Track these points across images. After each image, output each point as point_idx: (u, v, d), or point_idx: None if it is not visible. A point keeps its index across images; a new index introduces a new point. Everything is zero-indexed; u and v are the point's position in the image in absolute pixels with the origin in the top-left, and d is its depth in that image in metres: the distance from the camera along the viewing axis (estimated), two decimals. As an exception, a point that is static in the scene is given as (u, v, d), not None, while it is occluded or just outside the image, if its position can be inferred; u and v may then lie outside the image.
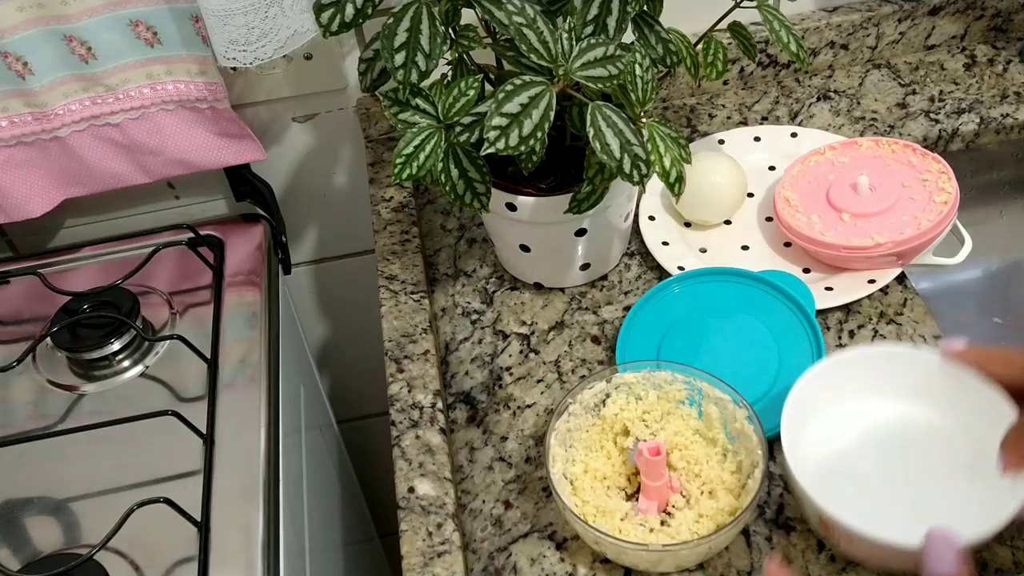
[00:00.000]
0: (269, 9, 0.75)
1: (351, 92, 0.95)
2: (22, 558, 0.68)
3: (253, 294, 0.86)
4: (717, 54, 0.79)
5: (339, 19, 0.67)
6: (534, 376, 0.76)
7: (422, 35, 0.65)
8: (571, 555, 0.65)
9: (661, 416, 0.66)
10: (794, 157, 0.85)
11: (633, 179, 0.62)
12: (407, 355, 0.76)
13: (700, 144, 0.92)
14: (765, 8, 0.75)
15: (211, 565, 0.66)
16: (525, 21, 0.60)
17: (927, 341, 0.74)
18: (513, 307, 0.82)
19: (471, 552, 0.66)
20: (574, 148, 0.72)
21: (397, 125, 0.66)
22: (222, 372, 0.79)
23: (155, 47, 0.82)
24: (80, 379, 0.80)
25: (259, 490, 0.70)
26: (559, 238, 0.76)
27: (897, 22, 0.99)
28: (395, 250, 0.86)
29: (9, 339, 0.85)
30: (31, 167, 0.87)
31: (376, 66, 0.72)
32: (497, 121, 0.59)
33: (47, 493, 0.73)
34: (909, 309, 0.77)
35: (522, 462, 0.70)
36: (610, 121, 0.61)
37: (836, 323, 0.76)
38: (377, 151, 0.97)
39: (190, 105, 0.86)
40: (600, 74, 0.61)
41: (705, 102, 1.00)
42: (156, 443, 0.74)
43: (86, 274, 0.90)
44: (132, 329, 0.80)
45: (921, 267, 0.78)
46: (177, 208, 1.00)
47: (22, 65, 0.80)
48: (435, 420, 0.71)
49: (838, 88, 0.99)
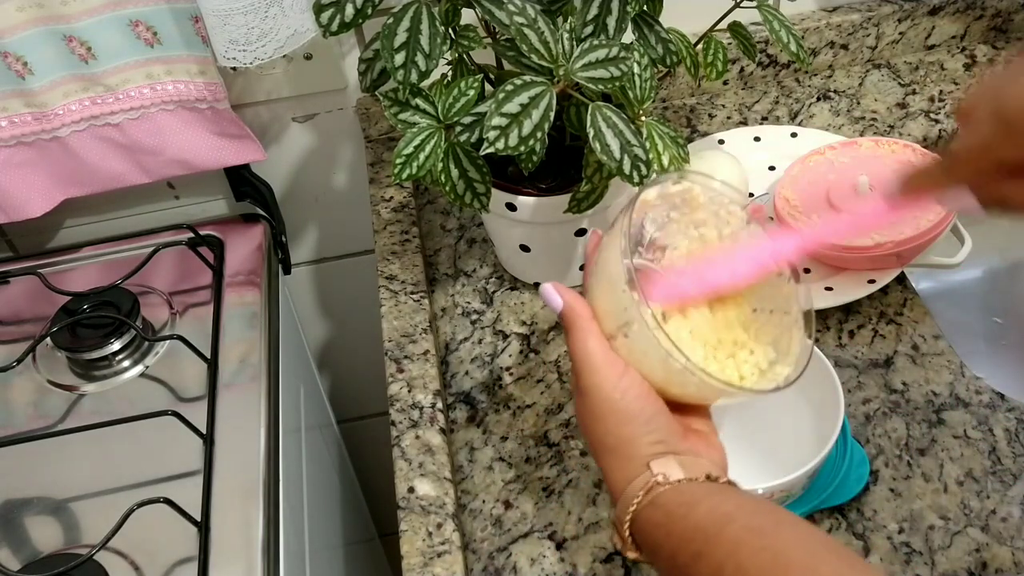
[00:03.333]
0: (269, 9, 0.75)
1: (351, 92, 0.95)
2: (22, 558, 0.68)
3: (253, 294, 0.86)
4: (717, 54, 0.79)
5: (339, 19, 0.67)
6: (534, 376, 0.76)
7: (422, 35, 0.65)
8: (571, 555, 0.65)
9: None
10: (794, 157, 0.85)
11: (633, 179, 0.62)
12: (407, 355, 0.76)
13: (700, 144, 0.92)
14: (765, 8, 0.75)
15: (211, 565, 0.66)
16: (526, 21, 0.60)
17: (927, 341, 0.74)
18: (513, 307, 0.82)
19: (471, 552, 0.66)
20: (574, 148, 0.72)
21: (397, 125, 0.66)
22: (222, 372, 0.79)
23: (155, 47, 0.82)
24: (80, 379, 0.80)
25: (259, 490, 0.70)
26: (559, 238, 0.76)
27: (897, 22, 0.99)
28: (395, 250, 0.85)
29: (9, 339, 0.85)
30: (31, 167, 0.87)
31: (376, 66, 0.72)
32: (497, 121, 0.59)
33: (47, 493, 0.72)
34: (909, 309, 0.77)
35: (522, 462, 0.70)
36: (610, 122, 0.61)
37: (836, 323, 0.76)
38: (377, 151, 0.97)
39: (190, 105, 0.86)
40: (602, 75, 0.61)
41: (705, 102, 1.00)
42: (156, 443, 0.74)
43: (86, 274, 0.90)
44: (132, 329, 0.80)
45: (921, 267, 0.78)
46: (177, 208, 1.00)
47: (22, 65, 0.80)
48: (435, 420, 0.71)
49: (838, 88, 0.99)
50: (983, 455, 0.67)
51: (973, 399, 0.70)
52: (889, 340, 0.75)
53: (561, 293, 0.54)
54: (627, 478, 0.51)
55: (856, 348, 0.75)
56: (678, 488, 0.49)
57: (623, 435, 0.51)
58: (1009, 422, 0.69)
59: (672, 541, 0.48)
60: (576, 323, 0.53)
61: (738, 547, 0.45)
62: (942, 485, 0.66)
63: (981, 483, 0.65)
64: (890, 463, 0.67)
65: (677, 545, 0.47)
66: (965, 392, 0.71)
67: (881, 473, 0.67)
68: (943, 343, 0.74)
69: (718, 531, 0.46)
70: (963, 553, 0.62)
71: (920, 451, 0.68)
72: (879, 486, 0.66)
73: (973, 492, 0.65)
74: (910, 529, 0.63)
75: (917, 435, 0.69)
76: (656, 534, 0.49)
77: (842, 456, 0.65)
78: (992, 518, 0.64)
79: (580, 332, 0.53)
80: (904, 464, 0.67)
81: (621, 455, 0.51)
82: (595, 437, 0.53)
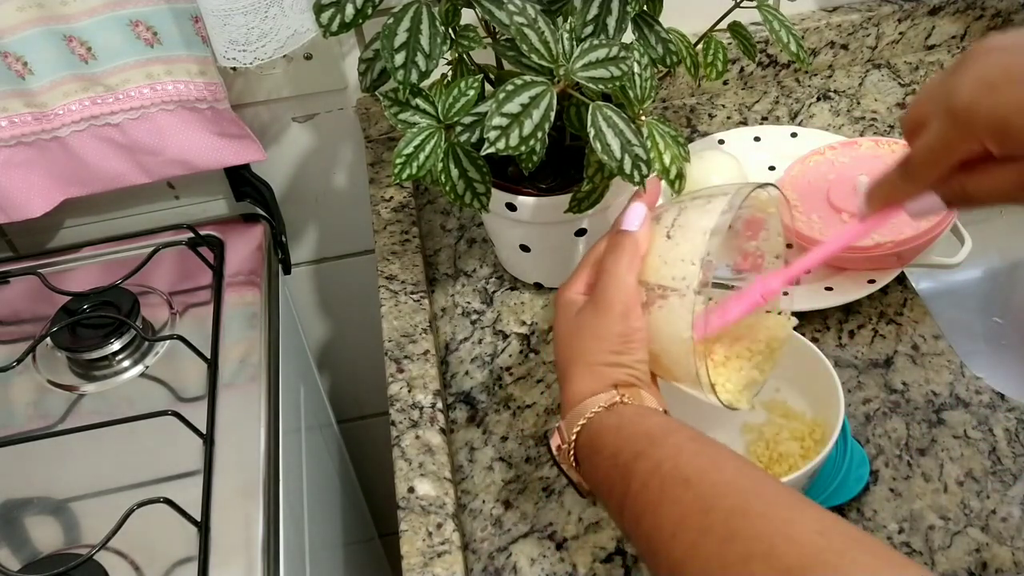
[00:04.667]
0: (269, 9, 0.75)
1: (351, 92, 0.95)
2: (22, 558, 0.68)
3: (253, 294, 0.86)
4: (717, 54, 0.79)
5: (339, 19, 0.67)
6: (534, 376, 0.76)
7: (422, 35, 0.65)
8: (571, 555, 0.65)
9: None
10: (794, 157, 0.85)
11: (634, 179, 0.62)
12: (407, 355, 0.76)
13: (700, 144, 0.92)
14: (765, 8, 0.75)
15: (211, 565, 0.66)
16: (526, 21, 0.60)
17: (927, 341, 0.74)
18: (513, 307, 0.82)
19: (471, 552, 0.66)
20: (574, 148, 0.72)
21: (397, 125, 0.66)
22: (222, 372, 0.79)
23: (155, 47, 0.82)
24: (80, 379, 0.80)
25: (259, 490, 0.70)
26: (559, 238, 0.76)
27: (897, 22, 0.99)
28: (395, 250, 0.85)
29: (9, 339, 0.85)
30: (31, 167, 0.87)
31: (376, 66, 0.72)
32: (498, 121, 0.59)
33: (47, 493, 0.72)
34: (909, 309, 0.77)
35: (522, 462, 0.70)
36: (611, 121, 0.61)
37: (836, 323, 0.76)
38: (377, 151, 0.97)
39: (190, 105, 0.86)
40: (603, 75, 0.61)
41: (705, 102, 1.00)
42: (156, 443, 0.74)
43: (86, 274, 0.90)
44: (132, 329, 0.80)
45: (921, 267, 0.78)
46: (177, 208, 1.00)
47: (22, 65, 0.80)
48: (435, 420, 0.71)
49: (838, 88, 0.99)
50: (983, 455, 0.67)
51: (973, 399, 0.70)
52: (889, 340, 0.75)
53: (643, 223, 0.56)
54: (592, 391, 0.54)
55: (856, 348, 0.75)
56: (636, 407, 0.53)
57: (609, 359, 0.54)
58: (1009, 422, 0.69)
59: (619, 442, 0.51)
60: (630, 250, 0.55)
61: (679, 451, 0.48)
62: (942, 485, 0.66)
63: (981, 483, 0.65)
64: (890, 463, 0.67)
65: (622, 446, 0.50)
66: (965, 392, 0.71)
67: (881, 473, 0.67)
68: (943, 343, 0.74)
69: (663, 437, 0.49)
70: (963, 553, 0.62)
71: (920, 451, 0.68)
72: (879, 486, 0.66)
73: (973, 492, 0.65)
74: (910, 529, 0.63)
75: (917, 435, 0.69)
76: (605, 435, 0.52)
77: (842, 456, 0.65)
78: (992, 518, 0.64)
79: (628, 258, 0.55)
80: (904, 464, 0.67)
81: (596, 373, 0.55)
82: (579, 348, 0.56)
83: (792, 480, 0.60)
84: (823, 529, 0.41)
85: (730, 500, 0.44)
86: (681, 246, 0.55)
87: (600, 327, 0.55)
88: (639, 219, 0.56)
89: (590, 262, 0.59)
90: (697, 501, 0.45)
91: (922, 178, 0.52)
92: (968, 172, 0.50)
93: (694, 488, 0.45)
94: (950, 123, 0.48)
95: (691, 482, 0.46)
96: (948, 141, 0.49)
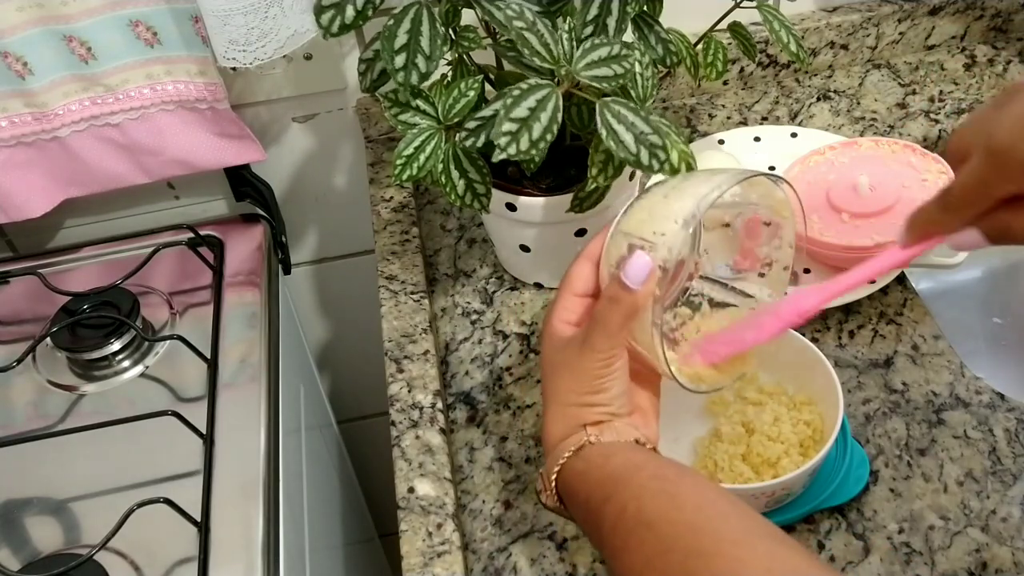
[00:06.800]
0: (269, 9, 0.75)
1: (351, 92, 0.95)
2: (22, 558, 0.68)
3: (253, 294, 0.86)
4: (717, 54, 0.79)
5: (339, 21, 0.67)
6: (534, 376, 0.76)
7: (422, 37, 0.65)
8: (571, 555, 0.65)
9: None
10: (794, 157, 0.85)
11: (653, 168, 0.61)
12: (407, 355, 0.76)
13: (700, 144, 0.92)
14: (765, 8, 0.75)
15: (211, 565, 0.66)
16: (525, 25, 0.60)
17: (927, 341, 0.74)
18: (513, 307, 0.82)
19: (471, 552, 0.66)
20: (574, 148, 0.72)
21: (397, 126, 0.66)
22: (222, 372, 0.79)
23: (155, 47, 0.82)
24: (80, 379, 0.80)
25: (259, 490, 0.70)
26: (559, 238, 0.76)
27: (897, 22, 0.99)
28: (395, 250, 0.86)
29: (9, 339, 0.85)
30: (31, 167, 0.87)
31: (376, 66, 0.72)
32: (507, 127, 0.59)
33: (47, 493, 0.72)
34: (909, 309, 0.77)
35: (522, 462, 0.70)
36: (620, 116, 0.61)
37: (836, 323, 0.76)
38: (377, 151, 0.97)
39: (190, 105, 0.86)
40: (606, 73, 0.61)
41: (705, 102, 1.00)
42: (156, 443, 0.74)
43: (86, 274, 0.90)
44: (132, 329, 0.80)
45: (921, 267, 0.78)
46: (177, 208, 1.00)
47: (22, 65, 0.80)
48: (435, 420, 0.71)
49: (838, 88, 0.99)
50: (983, 455, 0.67)
51: (973, 399, 0.70)
52: (889, 340, 0.75)
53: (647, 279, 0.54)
54: (563, 435, 0.55)
55: (856, 348, 0.75)
56: (602, 446, 0.53)
57: (582, 400, 0.55)
58: (1009, 422, 0.69)
59: (588, 487, 0.52)
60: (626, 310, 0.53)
61: (642, 491, 0.49)
62: (942, 485, 0.66)
63: (981, 483, 0.65)
64: (890, 463, 0.67)
65: (592, 490, 0.51)
66: (965, 392, 0.71)
67: (881, 473, 0.67)
68: (943, 343, 0.74)
69: (628, 478, 0.50)
70: (963, 553, 0.62)
71: (920, 451, 0.68)
72: (879, 486, 0.66)
73: (973, 492, 0.65)
74: (910, 529, 0.63)
75: (917, 435, 0.69)
76: (575, 482, 0.53)
77: (842, 456, 0.65)
78: (992, 518, 0.64)
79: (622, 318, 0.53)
80: (904, 464, 0.67)
81: (567, 415, 0.55)
82: (556, 386, 0.56)
83: (792, 479, 0.60)
84: (771, 567, 0.43)
85: (685, 541, 0.46)
86: (671, 204, 0.53)
87: (579, 369, 0.54)
88: (643, 275, 0.53)
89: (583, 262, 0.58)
90: (658, 543, 0.46)
91: (961, 214, 0.50)
92: (1012, 209, 0.48)
93: (655, 530, 0.47)
94: (989, 162, 0.47)
95: (652, 524, 0.47)
96: (986, 180, 0.48)
